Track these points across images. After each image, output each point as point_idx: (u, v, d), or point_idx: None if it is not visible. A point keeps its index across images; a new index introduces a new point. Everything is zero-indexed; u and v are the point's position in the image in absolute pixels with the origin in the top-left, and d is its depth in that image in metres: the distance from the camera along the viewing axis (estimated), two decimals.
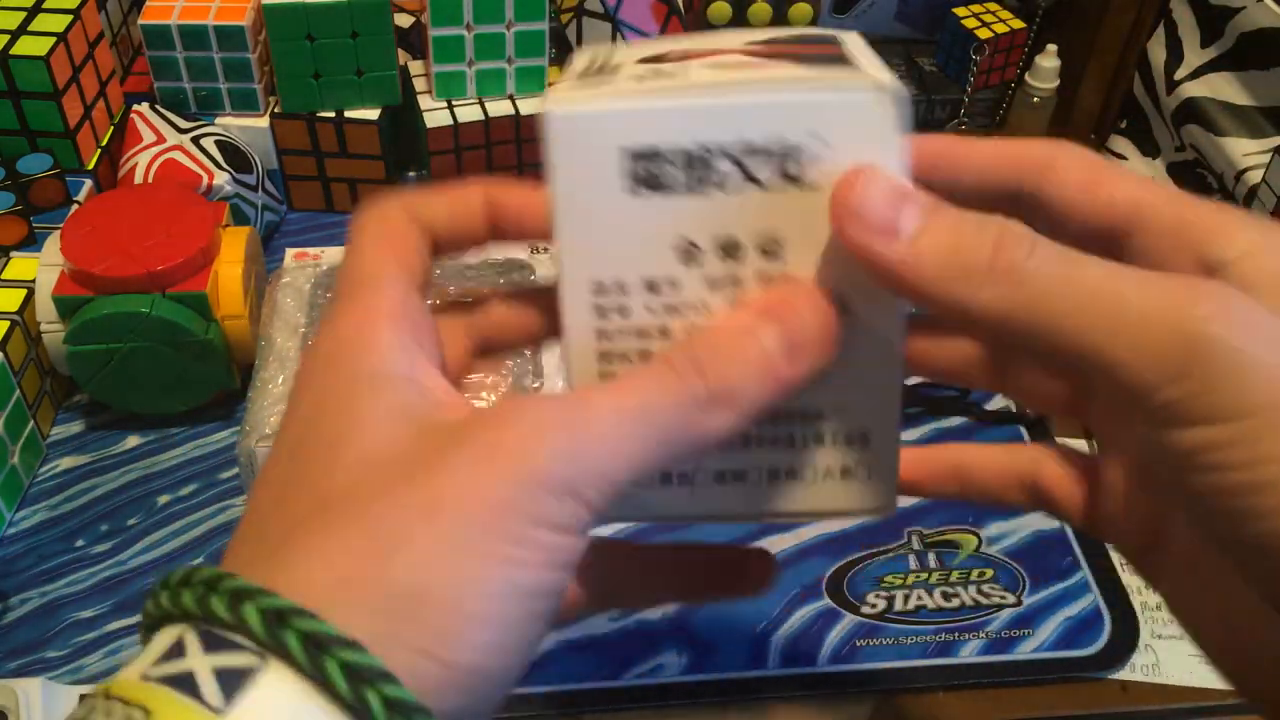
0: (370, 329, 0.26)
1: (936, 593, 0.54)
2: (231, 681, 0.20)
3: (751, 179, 0.25)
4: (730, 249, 0.26)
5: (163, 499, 0.57)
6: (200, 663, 0.21)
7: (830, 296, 0.26)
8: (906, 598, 0.53)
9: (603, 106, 0.25)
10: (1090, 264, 0.24)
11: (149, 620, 0.23)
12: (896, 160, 0.25)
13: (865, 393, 0.28)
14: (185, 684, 0.20)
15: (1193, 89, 0.71)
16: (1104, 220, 0.27)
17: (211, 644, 0.21)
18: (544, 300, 0.29)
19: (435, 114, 0.69)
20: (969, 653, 0.51)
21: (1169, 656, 0.52)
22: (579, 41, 0.70)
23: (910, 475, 0.31)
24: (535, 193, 0.28)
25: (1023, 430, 0.62)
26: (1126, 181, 0.27)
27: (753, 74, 0.26)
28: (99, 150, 0.66)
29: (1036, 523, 0.57)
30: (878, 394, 0.28)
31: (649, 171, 0.25)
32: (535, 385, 0.50)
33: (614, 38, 0.68)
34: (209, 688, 0.20)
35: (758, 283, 0.26)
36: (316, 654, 0.21)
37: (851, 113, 0.25)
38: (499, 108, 0.70)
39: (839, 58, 0.26)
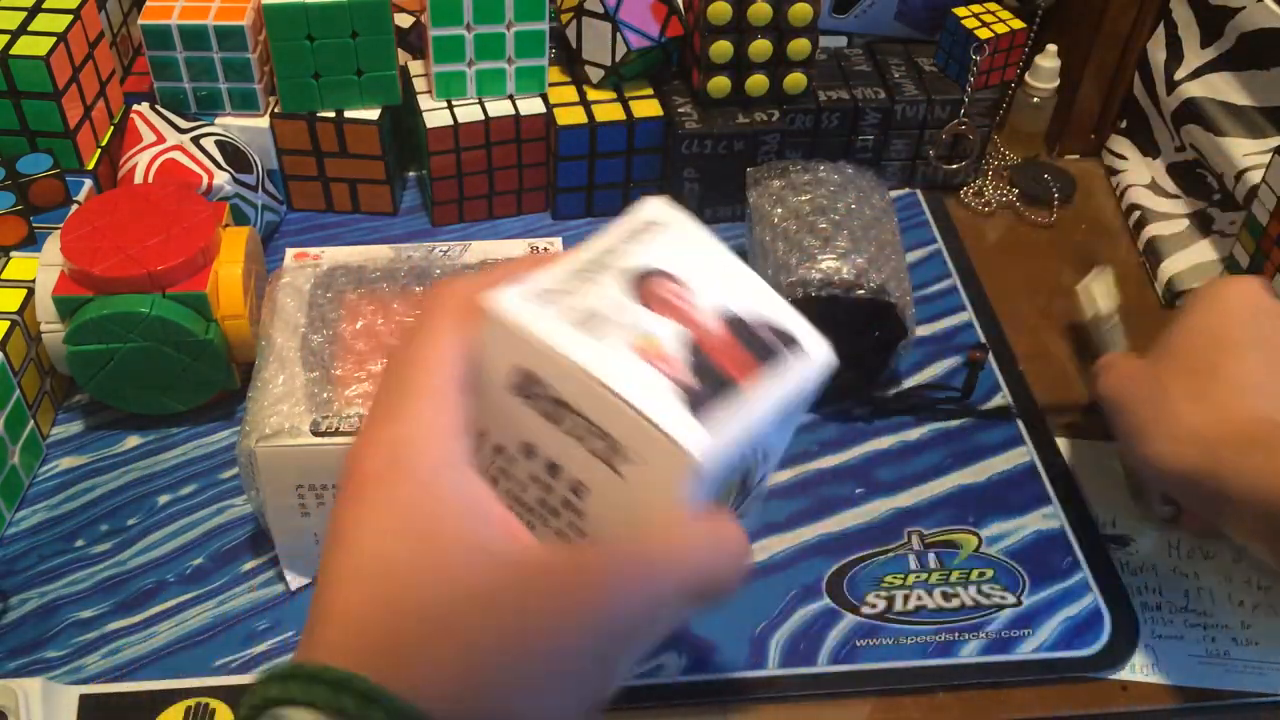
0: (443, 445, 0.30)
1: (936, 593, 0.54)
2: None
3: (583, 438, 0.30)
4: (553, 469, 0.31)
5: (163, 499, 0.57)
6: None
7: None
8: (906, 598, 0.53)
9: (521, 321, 0.29)
10: None
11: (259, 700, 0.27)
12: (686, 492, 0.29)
13: None
14: None
15: (1193, 89, 0.71)
16: None
17: None
18: None
19: (435, 114, 0.69)
20: (969, 653, 0.51)
21: (1169, 656, 0.52)
22: (579, 41, 0.70)
23: None
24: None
25: (1020, 425, 0.62)
26: None
27: (639, 365, 0.29)
28: (99, 150, 0.66)
29: (1036, 523, 0.57)
30: None
31: (527, 386, 0.30)
32: None
33: (614, 38, 0.68)
34: None
35: (562, 504, 0.32)
36: None
37: (660, 454, 0.29)
38: (499, 108, 0.70)
39: (728, 386, 0.30)
